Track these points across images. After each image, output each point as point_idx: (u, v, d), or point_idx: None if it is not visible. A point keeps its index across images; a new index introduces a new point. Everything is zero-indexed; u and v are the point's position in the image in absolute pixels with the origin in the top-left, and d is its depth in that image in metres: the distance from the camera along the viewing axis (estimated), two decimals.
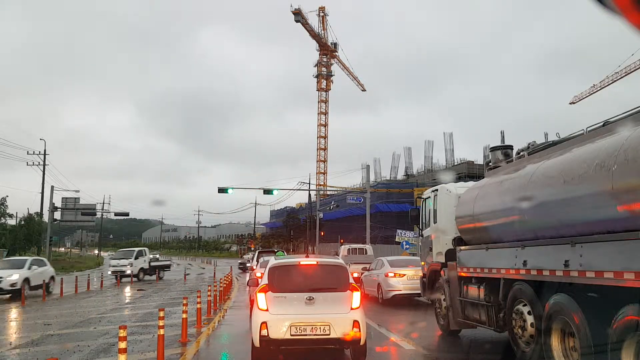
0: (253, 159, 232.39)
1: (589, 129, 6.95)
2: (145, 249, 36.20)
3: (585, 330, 5.64)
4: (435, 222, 11.17)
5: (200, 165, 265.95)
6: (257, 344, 6.96)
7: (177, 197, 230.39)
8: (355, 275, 21.16)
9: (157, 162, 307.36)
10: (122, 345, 5.23)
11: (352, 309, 7.21)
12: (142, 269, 31.08)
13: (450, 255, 10.07)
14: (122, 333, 5.17)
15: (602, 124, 6.68)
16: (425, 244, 11.83)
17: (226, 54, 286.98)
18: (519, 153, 9.36)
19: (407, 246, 29.54)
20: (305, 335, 6.89)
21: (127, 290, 23.07)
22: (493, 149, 9.92)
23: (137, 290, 22.87)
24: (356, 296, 7.31)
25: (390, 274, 15.18)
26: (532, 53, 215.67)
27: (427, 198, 11.91)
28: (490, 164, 10.14)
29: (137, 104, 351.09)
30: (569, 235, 6.07)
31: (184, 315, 8.89)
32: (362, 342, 7.12)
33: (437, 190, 11.32)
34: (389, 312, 14.10)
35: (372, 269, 17.23)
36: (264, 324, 6.92)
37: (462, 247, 9.49)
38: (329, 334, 6.92)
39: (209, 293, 13.15)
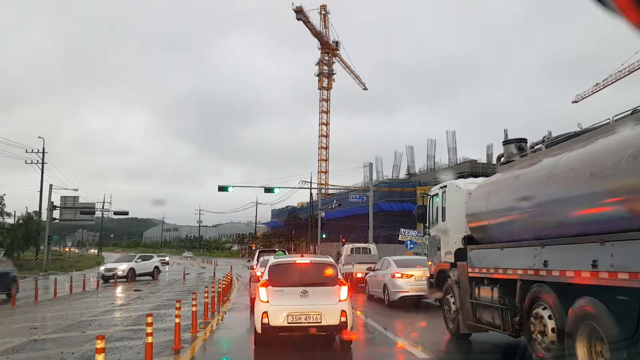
0: (261, 160, 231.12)
1: (615, 118, 6.41)
2: None
3: (616, 337, 5.10)
4: (443, 220, 10.64)
5: (208, 167, 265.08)
6: (259, 330, 8.12)
7: (183, 198, 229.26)
8: (359, 275, 20.70)
9: (166, 164, 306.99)
10: (100, 358, 4.61)
11: (340, 300, 8.29)
12: None
13: (460, 254, 9.53)
14: (100, 344, 4.56)
15: (630, 112, 6.16)
16: (433, 243, 11.29)
17: (234, 56, 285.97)
18: (532, 147, 8.82)
19: (411, 245, 29.00)
20: (300, 322, 7.96)
21: (122, 291, 22.46)
22: (506, 143, 9.35)
23: (134, 290, 22.29)
24: (344, 290, 8.43)
25: (397, 275, 14.56)
26: (536, 58, 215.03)
27: (435, 195, 11.35)
28: (502, 158, 9.57)
29: (148, 106, 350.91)
30: (596, 232, 5.51)
31: (177, 320, 8.26)
32: (348, 329, 8.26)
33: (445, 186, 10.77)
34: (396, 314, 13.54)
35: (378, 269, 16.60)
36: (265, 313, 7.99)
37: (474, 246, 8.93)
38: (320, 322, 7.99)
39: (205, 295, 12.46)
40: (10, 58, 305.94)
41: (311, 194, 58.69)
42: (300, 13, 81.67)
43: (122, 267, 28.83)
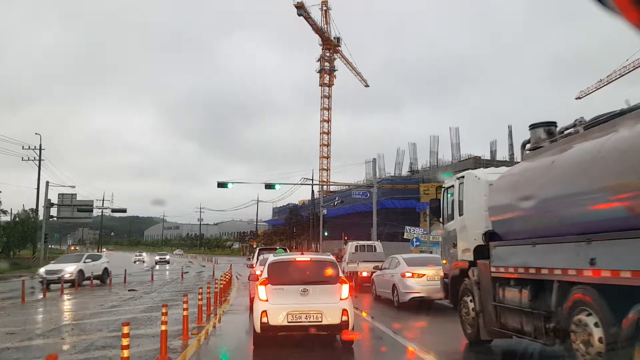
0: (264, 158, 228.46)
1: None
2: None
3: None
4: (460, 214, 9.71)
5: (211, 165, 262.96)
6: (258, 330, 7.89)
7: (185, 196, 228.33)
8: (365, 274, 19.72)
9: (168, 163, 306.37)
10: None
11: (341, 299, 8.06)
12: None
13: (481, 252, 8.61)
14: None
15: None
16: (448, 240, 10.34)
17: (236, 55, 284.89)
18: (562, 132, 7.87)
19: (417, 243, 28.07)
20: (301, 322, 7.73)
21: (117, 291, 21.49)
22: (533, 127, 8.33)
23: (128, 290, 21.29)
24: (345, 288, 8.17)
25: (408, 274, 13.52)
26: (538, 56, 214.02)
27: (450, 187, 10.40)
28: (527, 145, 8.57)
29: (151, 105, 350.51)
30: None
31: (163, 327, 7.24)
32: (350, 328, 7.98)
33: (462, 177, 9.82)
34: (406, 316, 12.56)
35: (385, 267, 15.58)
36: (264, 312, 7.77)
37: (498, 243, 7.96)
38: (321, 321, 7.76)
39: (199, 296, 11.33)
40: (14, 58, 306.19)
41: (312, 191, 57.83)
42: (301, 9, 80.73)
43: (69, 269, 23.53)
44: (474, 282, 8.71)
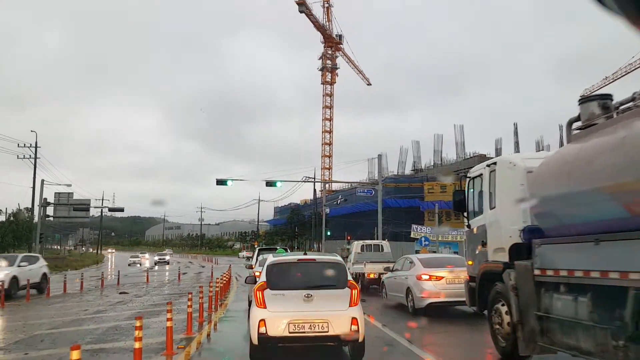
0: (266, 158, 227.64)
1: None
2: None
3: None
4: (492, 207, 8.42)
5: (214, 165, 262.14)
6: (255, 341, 7.00)
7: (187, 196, 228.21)
8: (372, 276, 18.40)
9: (170, 163, 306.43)
10: None
11: (350, 306, 7.21)
12: None
13: (518, 251, 7.31)
14: None
15: None
16: (475, 238, 9.04)
17: (238, 55, 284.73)
18: (617, 107, 6.56)
19: (426, 242, 26.71)
20: (304, 332, 6.91)
21: (107, 294, 20.14)
22: (584, 101, 6.98)
23: (119, 293, 19.97)
24: (354, 293, 7.31)
25: (425, 277, 12.07)
26: (542, 56, 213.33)
27: (478, 176, 9.08)
28: (575, 123, 7.22)
29: (152, 105, 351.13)
30: None
31: (136, 345, 5.82)
32: (360, 339, 7.09)
33: (494, 164, 8.51)
34: (422, 324, 11.22)
35: (397, 269, 14.20)
36: (262, 321, 6.93)
37: (544, 240, 6.62)
38: (327, 331, 6.93)
39: (189, 303, 9.75)
40: (18, 58, 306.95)
41: (315, 189, 56.62)
42: (302, 5, 79.84)
43: None
44: (510, 287, 7.36)
